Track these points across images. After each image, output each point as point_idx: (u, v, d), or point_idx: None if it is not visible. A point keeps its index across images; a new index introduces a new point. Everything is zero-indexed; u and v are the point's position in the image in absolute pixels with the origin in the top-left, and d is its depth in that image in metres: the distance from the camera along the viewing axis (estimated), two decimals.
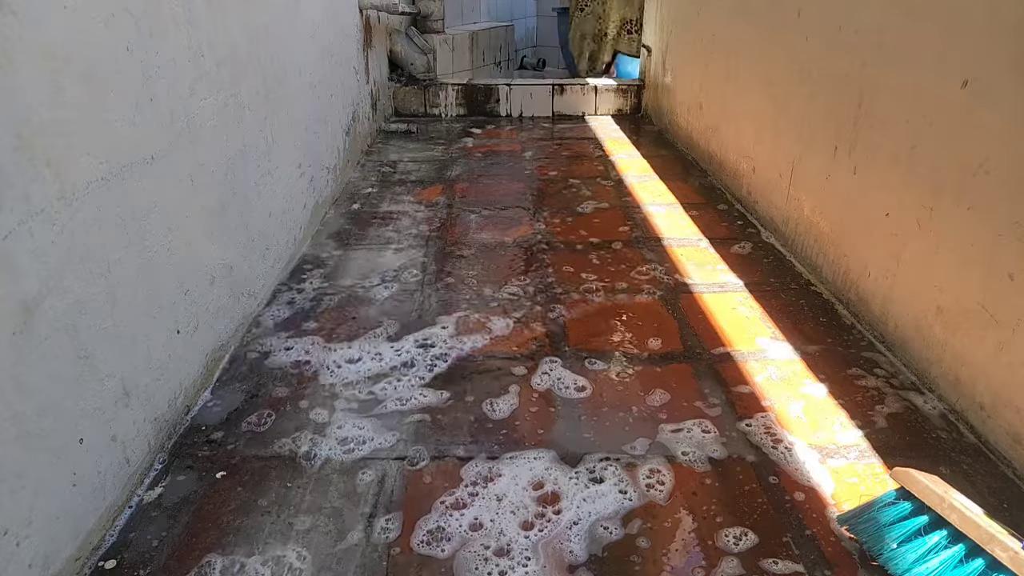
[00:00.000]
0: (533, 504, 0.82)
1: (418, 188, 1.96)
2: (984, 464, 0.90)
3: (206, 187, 1.06)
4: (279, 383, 1.06)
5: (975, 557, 0.67)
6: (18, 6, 0.66)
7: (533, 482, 0.86)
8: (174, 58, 0.96)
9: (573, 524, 0.80)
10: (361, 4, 2.22)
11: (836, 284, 1.32)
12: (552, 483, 0.86)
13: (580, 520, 0.80)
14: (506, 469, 0.88)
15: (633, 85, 2.88)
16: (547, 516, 0.81)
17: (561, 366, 1.10)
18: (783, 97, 1.56)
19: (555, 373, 1.08)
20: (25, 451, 0.66)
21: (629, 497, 0.84)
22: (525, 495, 0.84)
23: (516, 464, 0.89)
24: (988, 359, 0.93)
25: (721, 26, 2.01)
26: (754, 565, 0.75)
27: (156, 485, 0.86)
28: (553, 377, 1.07)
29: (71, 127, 0.74)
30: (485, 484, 0.85)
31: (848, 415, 0.99)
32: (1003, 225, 0.89)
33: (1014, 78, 0.87)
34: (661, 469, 0.88)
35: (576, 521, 0.80)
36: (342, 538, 0.78)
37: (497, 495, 0.84)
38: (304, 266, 1.46)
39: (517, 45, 4.28)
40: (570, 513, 0.81)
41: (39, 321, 0.68)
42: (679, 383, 1.06)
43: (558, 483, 0.86)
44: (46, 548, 0.69)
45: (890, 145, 1.14)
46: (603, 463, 0.89)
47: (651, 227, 1.68)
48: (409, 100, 2.81)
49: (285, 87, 1.44)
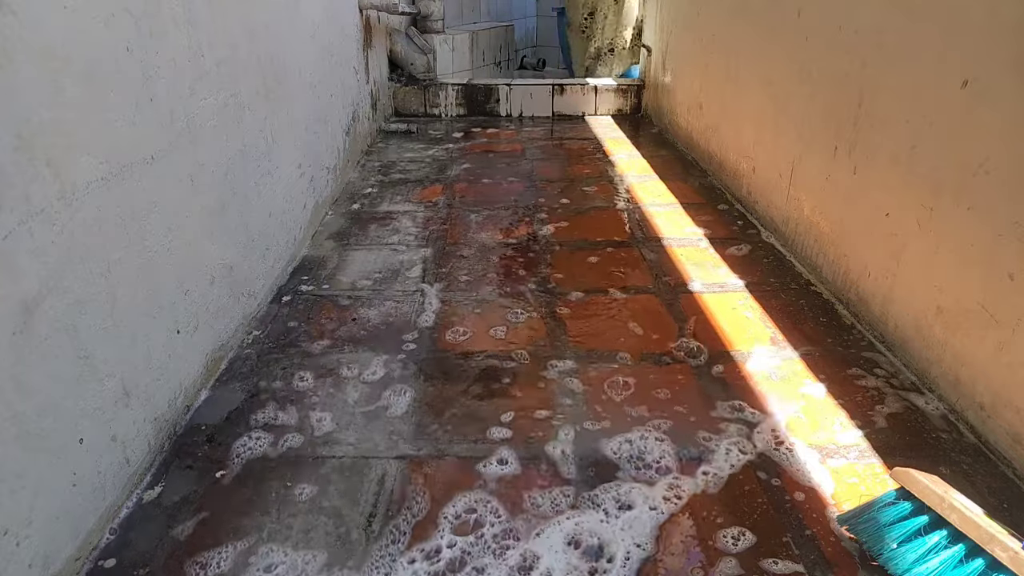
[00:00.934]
0: None
1: (418, 188, 1.96)
2: (984, 464, 0.90)
3: (206, 187, 1.06)
4: (280, 382, 1.06)
5: (975, 557, 0.67)
6: (18, 6, 0.66)
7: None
8: (174, 58, 0.96)
9: None
10: (361, 4, 2.22)
11: (836, 284, 1.32)
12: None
13: None
14: None
15: (633, 85, 2.88)
16: None
17: (564, 366, 1.10)
18: (783, 97, 1.56)
19: (560, 368, 1.08)
20: (25, 451, 0.66)
21: None
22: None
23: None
24: (988, 359, 0.93)
25: (721, 26, 2.01)
26: (754, 565, 0.75)
27: (156, 485, 0.86)
28: (559, 371, 1.07)
29: (71, 127, 0.74)
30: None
31: (848, 415, 0.99)
32: (1003, 225, 0.89)
33: (1014, 78, 0.87)
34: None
35: None
36: (342, 537, 0.78)
37: None
38: (304, 266, 1.46)
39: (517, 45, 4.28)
40: None
41: (39, 321, 0.68)
42: (679, 383, 1.06)
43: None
44: (46, 548, 0.69)
45: (890, 145, 1.14)
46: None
47: (651, 227, 1.68)
48: (409, 100, 2.81)
49: (285, 87, 1.44)
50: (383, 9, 2.33)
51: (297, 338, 1.18)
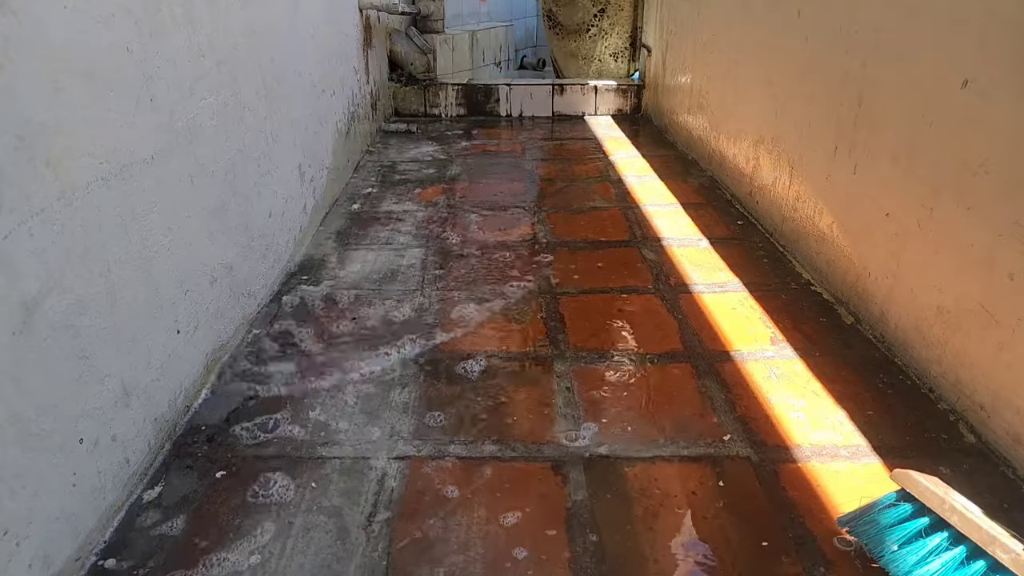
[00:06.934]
0: None
1: (418, 188, 1.96)
2: (984, 464, 0.90)
3: (206, 187, 1.06)
4: (280, 383, 1.06)
5: (976, 559, 0.67)
6: (18, 6, 0.66)
7: None
8: (174, 58, 0.96)
9: None
10: (361, 4, 2.22)
11: (836, 284, 1.32)
12: None
13: None
14: None
15: (633, 85, 2.88)
16: None
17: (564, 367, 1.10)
18: (783, 97, 1.56)
19: (560, 367, 1.08)
20: (25, 451, 0.66)
21: None
22: None
23: None
24: (988, 359, 0.93)
25: (721, 26, 2.01)
26: (754, 565, 0.75)
27: (156, 485, 0.86)
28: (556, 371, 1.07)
29: (71, 127, 0.74)
30: None
31: (848, 415, 0.99)
32: (1003, 225, 0.89)
33: (1014, 78, 0.87)
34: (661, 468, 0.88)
35: None
36: (342, 537, 0.78)
37: None
38: (304, 266, 1.46)
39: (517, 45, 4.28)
40: None
41: (39, 321, 0.68)
42: (679, 383, 1.06)
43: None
44: (46, 548, 0.69)
45: (890, 145, 1.14)
46: None
47: (651, 227, 1.68)
48: (409, 100, 2.81)
49: (285, 87, 1.44)
50: (383, 9, 2.33)
51: (297, 338, 1.18)
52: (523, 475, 0.88)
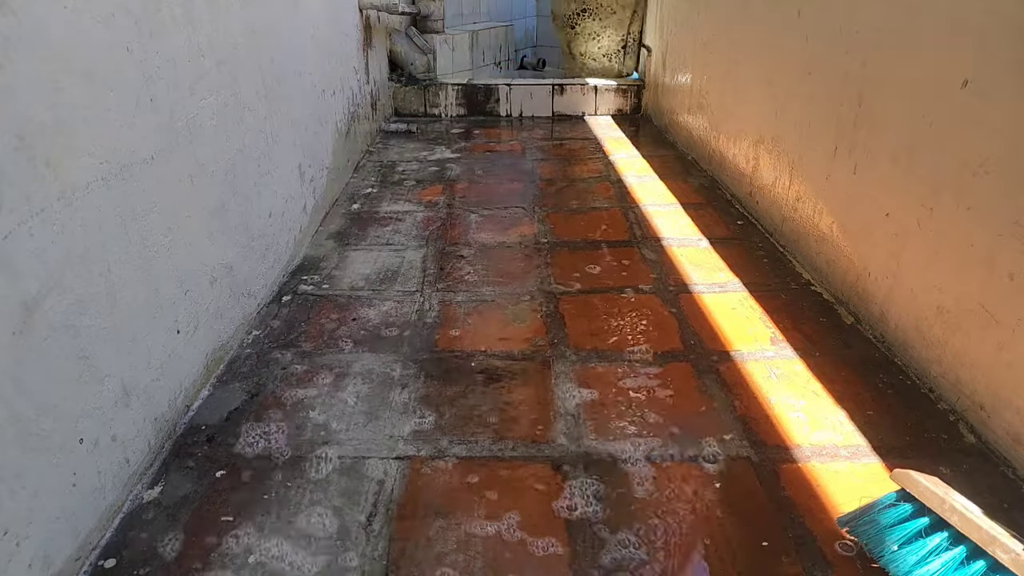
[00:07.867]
0: None
1: (418, 188, 1.96)
2: (984, 464, 0.90)
3: (206, 187, 1.06)
4: (280, 383, 1.06)
5: (976, 559, 0.67)
6: (18, 6, 0.66)
7: None
8: (174, 58, 0.96)
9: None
10: (361, 4, 2.22)
11: (836, 284, 1.32)
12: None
13: None
14: None
15: (633, 85, 2.88)
16: None
17: (563, 367, 1.10)
18: (783, 97, 1.56)
19: (560, 367, 1.08)
20: (25, 451, 0.66)
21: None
22: None
23: None
24: (988, 359, 0.93)
25: (721, 26, 2.00)
26: (753, 565, 0.75)
27: (156, 484, 0.86)
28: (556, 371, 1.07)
29: (71, 127, 0.74)
30: None
31: (848, 415, 0.99)
32: (1003, 225, 0.89)
33: (1014, 78, 0.87)
34: (661, 468, 0.88)
35: None
36: (343, 536, 0.78)
37: None
38: (304, 266, 1.46)
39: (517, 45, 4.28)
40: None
41: (39, 321, 0.68)
42: (679, 383, 1.06)
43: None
44: (46, 548, 0.69)
45: (890, 145, 1.14)
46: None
47: (651, 227, 1.68)
48: (409, 100, 2.81)
49: (285, 87, 1.44)
50: (383, 9, 2.33)
51: (297, 338, 1.18)
52: (523, 475, 0.88)
